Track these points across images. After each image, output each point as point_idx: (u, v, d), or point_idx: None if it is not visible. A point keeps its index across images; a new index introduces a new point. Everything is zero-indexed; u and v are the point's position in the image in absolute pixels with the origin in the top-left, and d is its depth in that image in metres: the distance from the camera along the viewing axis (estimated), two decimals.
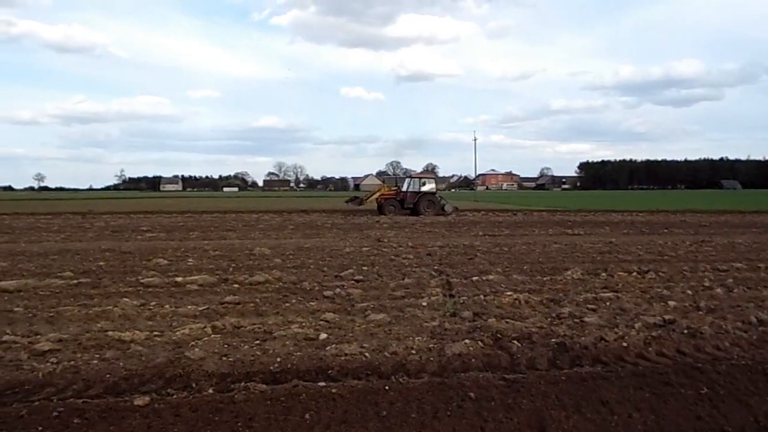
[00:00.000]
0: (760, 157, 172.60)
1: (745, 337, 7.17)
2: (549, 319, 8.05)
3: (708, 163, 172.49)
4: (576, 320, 7.93)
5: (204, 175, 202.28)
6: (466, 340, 6.74)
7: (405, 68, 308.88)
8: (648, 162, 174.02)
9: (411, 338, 6.95)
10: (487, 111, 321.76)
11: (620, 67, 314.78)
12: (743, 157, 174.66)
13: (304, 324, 7.71)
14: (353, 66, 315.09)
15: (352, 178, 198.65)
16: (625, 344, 6.75)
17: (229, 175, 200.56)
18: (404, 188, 36.34)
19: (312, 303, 9.07)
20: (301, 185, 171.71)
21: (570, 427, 4.65)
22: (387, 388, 5.24)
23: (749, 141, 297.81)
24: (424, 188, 35.70)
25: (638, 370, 5.89)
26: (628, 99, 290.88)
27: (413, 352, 6.42)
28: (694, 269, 12.92)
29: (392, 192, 36.88)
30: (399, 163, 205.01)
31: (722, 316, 8.16)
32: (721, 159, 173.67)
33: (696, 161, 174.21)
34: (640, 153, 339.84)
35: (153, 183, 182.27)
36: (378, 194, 37.15)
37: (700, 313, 8.51)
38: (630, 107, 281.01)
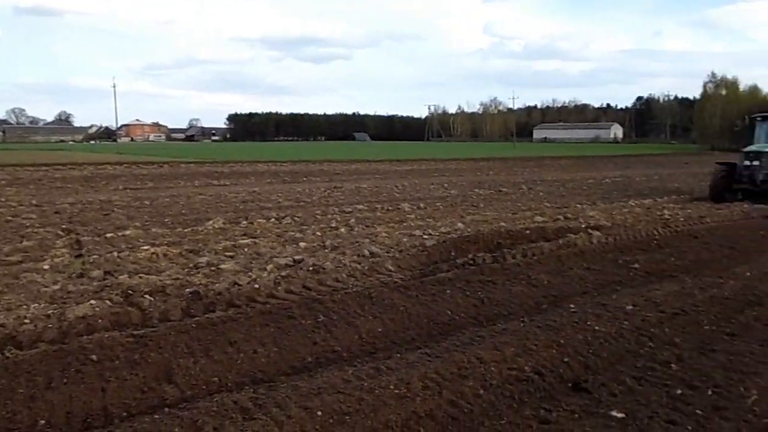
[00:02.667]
0: (384, 113, 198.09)
1: (359, 269, 8.22)
2: (186, 270, 8.02)
3: (343, 117, 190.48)
4: (213, 268, 8.05)
5: None
6: (92, 301, 6.27)
7: None
8: (293, 115, 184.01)
9: (25, 306, 6.17)
10: (130, 56, 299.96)
11: (265, 21, 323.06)
12: (372, 113, 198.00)
13: None
14: None
15: None
16: (257, 286, 7.10)
17: None
18: None
19: None
20: None
21: (197, 371, 4.71)
22: None
23: (376, 98, 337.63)
24: None
25: (266, 308, 6.28)
26: (273, 53, 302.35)
27: (27, 321, 5.71)
28: (324, 212, 14.26)
29: None
30: (24, 110, 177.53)
31: (342, 252, 9.20)
32: (354, 114, 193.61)
33: (333, 115, 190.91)
34: (285, 106, 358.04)
35: None
36: None
37: (326, 251, 9.45)
38: (275, 61, 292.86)
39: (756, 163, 17.24)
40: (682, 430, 3.79)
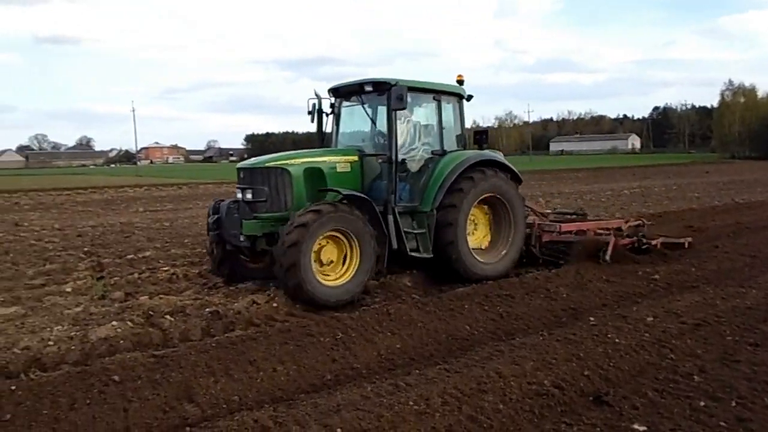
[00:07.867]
0: None
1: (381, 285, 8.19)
2: (206, 290, 8.09)
3: None
4: (232, 288, 8.09)
5: None
6: (114, 322, 6.35)
7: (45, 28, 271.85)
8: (309, 134, 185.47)
9: (49, 329, 6.27)
10: (146, 81, 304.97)
11: (278, 43, 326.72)
12: None
13: None
14: None
15: None
16: (275, 305, 7.13)
17: None
18: None
19: None
20: None
21: (218, 391, 4.75)
22: (14, 388, 4.65)
23: None
24: None
25: (285, 327, 6.31)
26: (287, 74, 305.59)
27: (51, 343, 5.79)
28: None
29: None
30: (46, 136, 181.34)
31: None
32: None
33: None
34: (300, 125, 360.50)
35: None
36: None
37: None
38: (289, 82, 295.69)
39: (248, 195, 7.86)
40: None
